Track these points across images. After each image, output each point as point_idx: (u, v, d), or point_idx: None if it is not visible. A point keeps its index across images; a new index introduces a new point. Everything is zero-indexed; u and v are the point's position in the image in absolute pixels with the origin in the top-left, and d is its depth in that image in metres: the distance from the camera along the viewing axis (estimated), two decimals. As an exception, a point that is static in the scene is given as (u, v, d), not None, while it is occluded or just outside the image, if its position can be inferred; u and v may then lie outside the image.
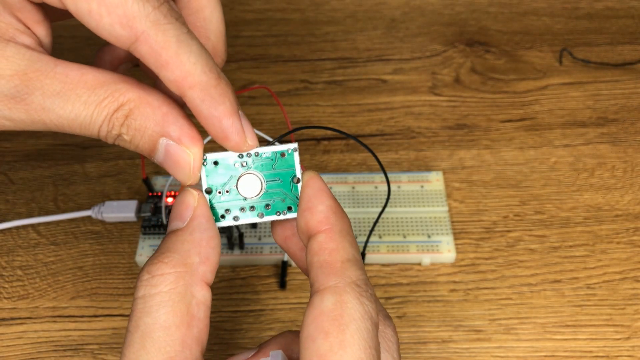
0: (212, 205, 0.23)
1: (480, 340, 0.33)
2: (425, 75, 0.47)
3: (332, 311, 0.19)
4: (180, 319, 0.20)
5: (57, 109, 0.22)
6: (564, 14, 0.52)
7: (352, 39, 0.50)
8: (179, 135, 0.22)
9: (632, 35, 0.50)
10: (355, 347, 0.19)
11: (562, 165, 0.41)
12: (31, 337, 0.33)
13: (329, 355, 0.19)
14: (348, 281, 0.20)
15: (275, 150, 0.23)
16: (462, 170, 0.41)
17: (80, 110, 0.22)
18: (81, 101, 0.22)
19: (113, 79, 0.22)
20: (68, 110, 0.22)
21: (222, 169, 0.23)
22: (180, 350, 0.20)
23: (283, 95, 0.46)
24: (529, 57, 0.48)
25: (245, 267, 0.36)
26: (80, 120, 0.22)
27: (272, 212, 0.23)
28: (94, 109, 0.22)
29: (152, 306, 0.20)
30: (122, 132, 0.22)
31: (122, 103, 0.22)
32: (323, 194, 0.22)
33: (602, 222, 0.38)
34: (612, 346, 0.33)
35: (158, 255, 0.21)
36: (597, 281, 0.35)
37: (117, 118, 0.22)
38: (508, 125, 0.43)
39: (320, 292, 0.20)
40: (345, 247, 0.21)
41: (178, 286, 0.20)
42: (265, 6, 0.53)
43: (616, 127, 0.43)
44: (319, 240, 0.21)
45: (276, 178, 0.23)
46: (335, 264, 0.21)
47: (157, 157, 0.22)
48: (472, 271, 0.36)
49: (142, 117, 0.22)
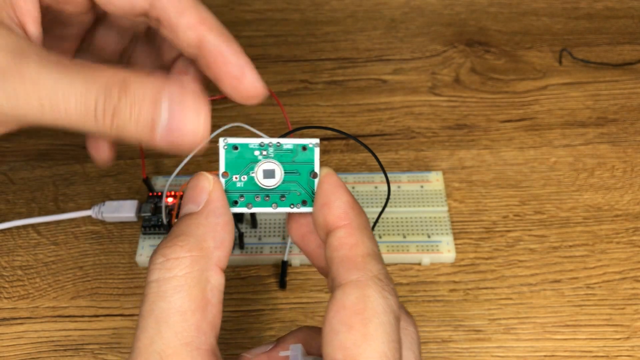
0: (227, 190, 0.23)
1: (480, 340, 0.33)
2: (425, 75, 0.47)
3: (355, 305, 0.19)
4: (196, 304, 0.20)
5: (52, 81, 0.21)
6: (563, 14, 0.52)
7: (352, 39, 0.50)
8: (181, 93, 0.22)
9: (632, 35, 0.50)
10: (378, 340, 0.19)
11: (562, 165, 0.41)
12: (31, 337, 0.33)
13: (353, 348, 0.19)
14: (370, 275, 0.20)
15: (297, 143, 0.23)
16: (462, 170, 0.41)
17: (76, 81, 0.21)
18: (77, 71, 0.21)
19: (106, 64, 0.22)
20: (64, 82, 0.21)
21: (241, 155, 0.23)
22: (196, 336, 0.20)
23: (283, 95, 0.46)
24: (528, 57, 0.48)
25: (245, 267, 0.36)
26: (76, 96, 0.21)
27: (287, 204, 0.23)
28: (90, 82, 0.21)
29: (167, 290, 0.20)
30: (120, 105, 0.21)
31: (118, 78, 0.22)
32: (340, 189, 0.22)
33: (601, 222, 0.38)
34: (612, 346, 0.33)
35: (172, 238, 0.21)
36: (597, 281, 0.35)
37: (114, 91, 0.21)
38: (508, 126, 0.43)
39: (343, 286, 0.20)
40: (365, 242, 0.21)
41: (193, 270, 0.20)
42: (265, 6, 0.53)
43: (616, 127, 0.43)
44: (339, 236, 0.21)
45: (294, 171, 0.23)
46: (356, 258, 0.21)
47: (160, 125, 0.22)
48: (472, 271, 0.36)
49: (140, 85, 0.22)
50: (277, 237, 0.36)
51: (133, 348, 0.20)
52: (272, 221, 0.37)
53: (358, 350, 0.19)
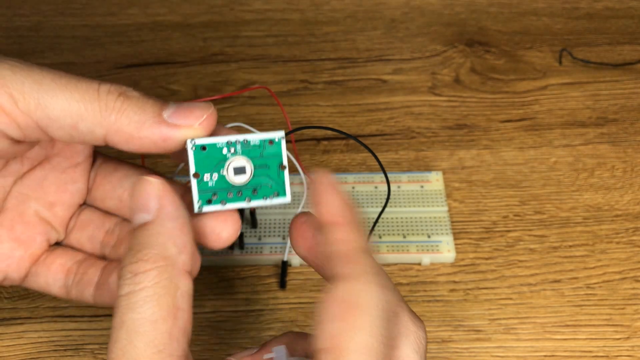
0: (200, 189, 0.23)
1: (480, 340, 0.33)
2: (425, 75, 0.47)
3: (345, 297, 0.20)
4: (166, 311, 0.20)
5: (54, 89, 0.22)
6: (563, 14, 0.52)
7: (352, 39, 0.50)
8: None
9: (632, 36, 0.50)
10: (365, 332, 0.19)
11: (562, 165, 0.41)
12: (31, 336, 0.33)
13: (339, 337, 0.19)
14: (363, 269, 0.20)
15: (264, 138, 0.23)
16: (461, 170, 0.41)
17: (81, 79, 0.22)
18: (77, 83, 0.22)
19: None
20: (67, 87, 0.22)
21: (210, 154, 0.23)
22: (168, 343, 0.20)
23: (283, 95, 0.46)
24: (528, 57, 0.48)
25: (245, 267, 0.36)
26: (79, 85, 0.22)
27: (260, 197, 0.24)
28: (94, 82, 0.22)
29: (137, 301, 0.20)
30: (128, 92, 0.22)
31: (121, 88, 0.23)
32: (333, 188, 0.22)
33: (601, 222, 0.38)
34: (612, 346, 0.33)
35: (135, 254, 0.21)
36: (597, 281, 0.35)
37: (120, 87, 0.22)
38: (508, 126, 0.43)
39: (335, 279, 0.20)
40: (358, 239, 0.21)
41: (162, 279, 0.20)
42: (265, 6, 0.53)
43: (616, 127, 0.43)
44: (333, 232, 0.21)
45: (264, 165, 0.24)
46: (349, 253, 0.21)
47: (169, 108, 0.22)
48: (471, 271, 0.36)
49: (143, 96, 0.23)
50: (277, 237, 0.36)
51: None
52: (272, 221, 0.37)
53: (344, 339, 0.19)
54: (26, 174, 0.27)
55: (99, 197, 0.28)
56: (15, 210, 0.26)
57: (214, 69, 0.48)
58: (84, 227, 0.28)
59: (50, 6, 0.52)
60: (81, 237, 0.28)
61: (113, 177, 0.28)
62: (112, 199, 0.28)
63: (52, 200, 0.27)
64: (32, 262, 0.26)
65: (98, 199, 0.28)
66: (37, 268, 0.26)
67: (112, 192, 0.28)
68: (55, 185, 0.27)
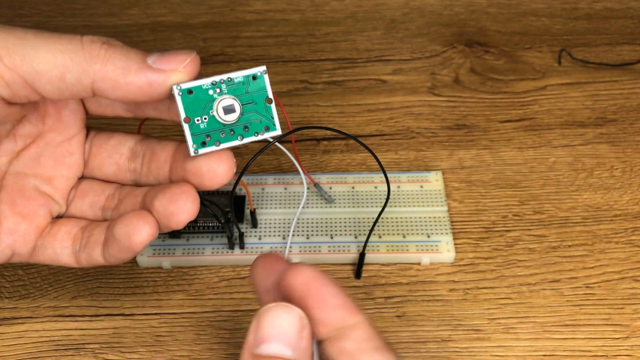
0: (193, 133, 0.24)
1: (479, 339, 0.33)
2: (425, 75, 0.47)
3: None
4: None
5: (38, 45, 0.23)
6: (563, 14, 0.52)
7: (352, 39, 0.50)
8: None
9: (631, 36, 0.50)
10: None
11: (561, 165, 0.41)
12: (32, 336, 0.33)
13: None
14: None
15: (247, 74, 0.24)
16: (461, 170, 0.41)
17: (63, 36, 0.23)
18: (60, 36, 0.23)
19: None
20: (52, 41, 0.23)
21: (197, 97, 0.24)
22: None
23: (283, 95, 0.46)
24: (528, 57, 0.48)
25: (245, 267, 0.36)
26: (64, 40, 0.23)
27: (251, 134, 0.25)
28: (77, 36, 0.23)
29: None
30: (110, 40, 0.23)
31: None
32: (328, 284, 0.21)
33: (600, 222, 0.38)
34: (611, 345, 0.33)
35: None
36: (596, 281, 0.35)
37: (103, 39, 0.23)
38: (507, 126, 0.44)
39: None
40: (372, 337, 0.21)
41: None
42: (265, 7, 0.53)
43: (615, 128, 0.43)
44: (357, 331, 0.21)
45: (250, 101, 0.24)
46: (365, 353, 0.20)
47: (152, 55, 0.23)
48: (471, 271, 0.36)
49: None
50: (277, 237, 0.37)
51: None
52: (273, 221, 0.37)
53: None
54: (21, 152, 0.27)
55: (97, 166, 0.28)
56: (14, 187, 0.27)
57: (214, 69, 0.48)
58: (84, 195, 0.28)
59: (50, 6, 0.52)
60: (82, 205, 0.28)
61: (108, 145, 0.28)
62: (110, 166, 0.28)
63: (50, 174, 0.27)
64: (38, 235, 0.27)
65: (96, 168, 0.28)
66: (43, 240, 0.27)
67: (109, 159, 0.28)
68: (52, 160, 0.27)
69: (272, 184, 0.39)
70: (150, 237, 0.24)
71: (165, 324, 0.34)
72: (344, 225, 0.37)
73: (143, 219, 0.24)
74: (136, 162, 0.28)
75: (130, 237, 0.24)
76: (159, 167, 0.27)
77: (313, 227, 0.37)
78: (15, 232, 0.26)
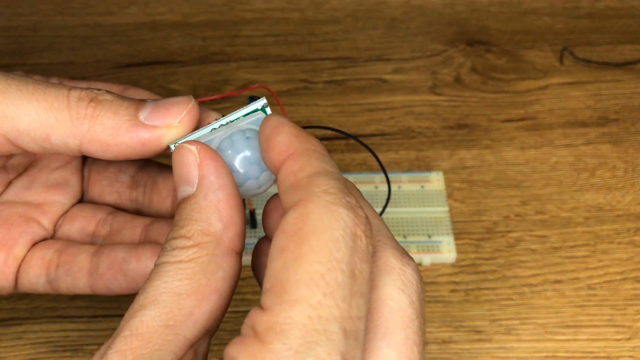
0: None
1: (481, 340, 0.33)
2: (426, 74, 0.47)
3: (292, 226, 0.16)
4: (195, 288, 0.18)
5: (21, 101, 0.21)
6: (564, 13, 0.52)
7: (352, 38, 0.50)
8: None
9: (633, 35, 0.50)
10: (312, 260, 0.16)
11: (563, 165, 0.41)
12: (30, 337, 0.33)
13: (282, 272, 0.16)
14: (315, 191, 0.17)
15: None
16: (462, 170, 0.41)
17: (50, 86, 0.21)
18: (45, 90, 0.21)
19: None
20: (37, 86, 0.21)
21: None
22: (182, 321, 0.18)
23: (283, 95, 0.45)
24: (529, 56, 0.48)
25: (245, 267, 0.36)
26: (50, 90, 0.21)
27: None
28: (64, 87, 0.21)
29: (167, 272, 0.18)
30: (100, 92, 0.21)
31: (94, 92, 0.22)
32: (281, 126, 0.19)
33: (603, 222, 0.38)
34: (613, 347, 0.33)
35: (178, 230, 0.19)
36: (598, 281, 0.35)
37: (92, 91, 0.21)
38: (509, 125, 0.43)
39: (287, 211, 0.17)
40: (311, 163, 0.18)
41: (202, 256, 0.18)
42: (265, 5, 0.53)
43: (617, 127, 0.43)
44: (283, 168, 0.18)
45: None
46: (300, 181, 0.17)
47: (145, 108, 0.21)
48: (472, 271, 0.36)
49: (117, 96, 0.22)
50: (277, 238, 0.36)
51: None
52: (272, 221, 0.37)
53: (286, 274, 0.16)
54: (12, 181, 0.26)
55: (97, 194, 0.27)
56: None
57: (213, 68, 0.47)
58: (73, 219, 0.26)
59: (49, 5, 0.52)
60: (70, 230, 0.26)
61: (108, 172, 0.27)
62: (111, 194, 0.27)
63: (42, 200, 0.26)
64: (18, 265, 0.25)
65: (96, 196, 0.27)
66: (21, 269, 0.25)
67: (109, 187, 0.27)
68: (45, 186, 0.26)
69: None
70: None
71: (164, 325, 0.34)
72: (344, 225, 0.37)
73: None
74: (138, 191, 0.26)
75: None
76: (161, 201, 0.25)
77: (313, 227, 0.37)
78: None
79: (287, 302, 0.15)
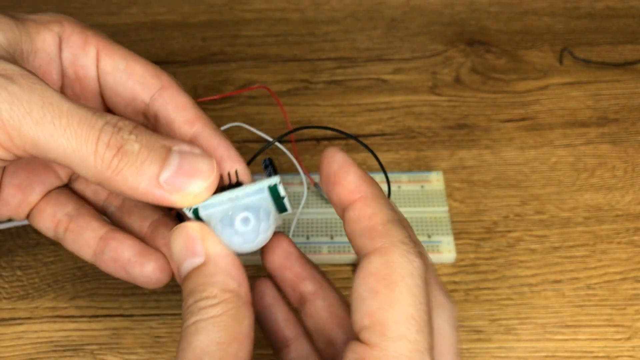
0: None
1: (480, 340, 0.33)
2: (426, 75, 0.47)
3: (380, 271, 0.20)
4: (233, 337, 0.21)
5: (48, 125, 0.21)
6: (564, 13, 0.52)
7: (352, 38, 0.50)
8: (192, 148, 0.22)
9: (633, 35, 0.50)
10: (405, 303, 0.19)
11: (563, 165, 0.41)
12: (31, 337, 0.33)
13: (380, 313, 0.19)
14: (393, 240, 0.20)
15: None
16: (462, 170, 0.41)
17: (82, 109, 0.21)
18: (78, 127, 0.21)
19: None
20: (70, 105, 0.21)
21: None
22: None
23: (283, 95, 0.46)
24: (529, 56, 0.48)
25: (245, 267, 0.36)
26: (80, 120, 0.21)
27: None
28: (99, 115, 0.21)
29: (205, 327, 0.20)
30: (128, 144, 0.21)
31: (129, 121, 0.22)
32: (348, 164, 0.22)
33: (602, 222, 0.38)
34: (613, 346, 0.33)
35: (198, 294, 0.21)
36: (598, 281, 0.35)
37: (125, 128, 0.22)
38: (508, 125, 0.43)
39: (367, 255, 0.20)
40: (383, 210, 0.21)
41: (229, 309, 0.21)
42: (265, 6, 0.53)
43: (617, 127, 0.43)
44: (356, 209, 0.21)
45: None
46: (376, 227, 0.21)
47: (168, 167, 0.22)
48: (472, 271, 0.36)
49: (152, 133, 0.22)
50: (277, 237, 0.36)
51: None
52: (272, 221, 0.37)
53: (385, 315, 0.19)
54: None
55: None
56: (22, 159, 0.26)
57: (213, 68, 0.48)
58: (88, 181, 0.28)
59: (49, 5, 0.52)
60: (85, 188, 0.28)
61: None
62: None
63: None
64: (31, 207, 0.27)
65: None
66: (33, 213, 0.27)
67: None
68: None
69: (272, 183, 0.39)
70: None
71: (165, 325, 0.34)
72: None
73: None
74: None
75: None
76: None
77: (313, 227, 0.37)
78: (9, 204, 0.27)
79: (391, 339, 0.19)
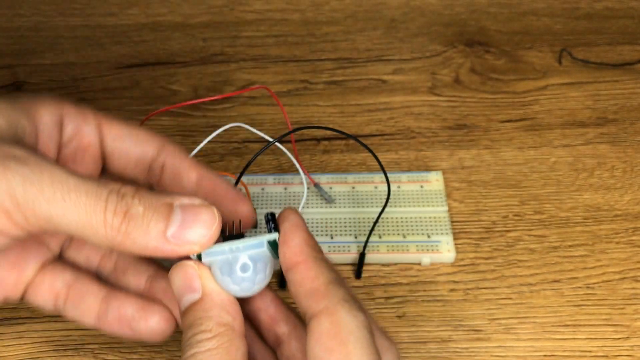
0: None
1: (479, 339, 0.33)
2: (425, 75, 0.47)
3: (330, 330, 0.22)
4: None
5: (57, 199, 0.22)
6: (563, 14, 0.52)
7: (352, 39, 0.50)
8: (192, 201, 0.23)
9: (632, 36, 0.50)
10: (358, 354, 0.21)
11: (562, 165, 0.41)
12: (32, 336, 0.33)
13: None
14: (337, 300, 0.22)
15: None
16: (461, 170, 0.41)
17: (88, 182, 0.23)
18: (86, 201, 0.22)
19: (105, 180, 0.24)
20: (77, 179, 0.23)
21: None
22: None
23: (283, 95, 0.46)
24: (528, 57, 0.48)
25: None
26: (87, 193, 0.22)
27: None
28: (102, 185, 0.23)
29: (202, 359, 0.22)
30: (133, 208, 0.22)
31: (131, 186, 0.23)
32: (297, 228, 0.24)
33: (601, 222, 0.38)
34: (612, 346, 0.33)
35: (196, 327, 0.23)
36: (597, 281, 0.35)
37: (128, 194, 0.23)
38: (508, 126, 0.43)
39: (316, 316, 0.22)
40: (324, 272, 0.23)
41: (224, 342, 0.23)
42: (265, 6, 0.53)
43: (616, 127, 0.43)
44: (299, 271, 0.23)
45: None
46: (319, 288, 0.23)
47: (173, 223, 0.23)
48: (471, 271, 0.36)
49: (154, 194, 0.23)
50: (277, 237, 0.37)
51: None
52: (272, 221, 0.37)
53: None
54: None
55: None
56: None
57: (214, 69, 0.48)
58: (79, 247, 0.28)
59: (50, 6, 0.52)
60: (77, 256, 0.28)
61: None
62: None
63: None
64: (27, 285, 0.27)
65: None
66: (30, 289, 0.27)
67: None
68: None
69: (272, 184, 0.39)
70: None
71: (165, 324, 0.34)
72: (344, 225, 0.37)
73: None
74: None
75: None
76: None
77: (313, 227, 0.37)
78: (5, 283, 0.27)
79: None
